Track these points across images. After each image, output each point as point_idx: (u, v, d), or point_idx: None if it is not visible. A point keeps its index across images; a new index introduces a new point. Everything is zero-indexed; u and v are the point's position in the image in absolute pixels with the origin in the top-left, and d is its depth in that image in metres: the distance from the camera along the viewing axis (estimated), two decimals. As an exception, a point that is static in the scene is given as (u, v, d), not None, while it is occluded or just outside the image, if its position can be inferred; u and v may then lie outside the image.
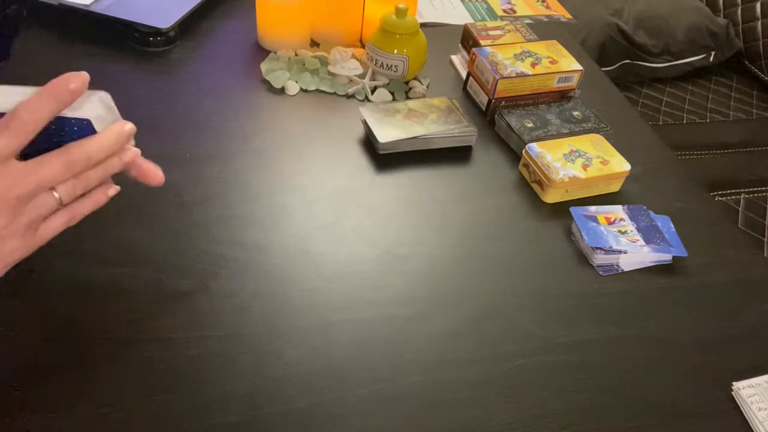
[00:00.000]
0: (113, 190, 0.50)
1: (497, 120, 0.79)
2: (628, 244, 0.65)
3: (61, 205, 0.46)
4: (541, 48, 0.84)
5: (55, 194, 0.45)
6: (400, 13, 0.79)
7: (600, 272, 0.64)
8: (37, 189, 0.44)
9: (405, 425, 0.49)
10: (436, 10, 1.07)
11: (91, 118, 0.46)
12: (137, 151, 0.49)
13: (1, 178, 0.42)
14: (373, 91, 0.82)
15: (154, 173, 0.52)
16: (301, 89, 0.82)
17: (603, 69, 1.20)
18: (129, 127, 0.47)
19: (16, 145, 0.42)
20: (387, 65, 0.81)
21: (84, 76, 0.44)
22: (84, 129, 0.46)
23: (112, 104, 0.49)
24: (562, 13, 1.13)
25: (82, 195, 0.48)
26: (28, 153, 0.44)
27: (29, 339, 0.51)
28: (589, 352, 0.56)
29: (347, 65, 0.84)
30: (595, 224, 0.66)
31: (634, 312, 0.60)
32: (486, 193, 0.71)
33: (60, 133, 0.45)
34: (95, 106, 0.47)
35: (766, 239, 1.09)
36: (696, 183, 0.76)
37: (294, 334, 0.54)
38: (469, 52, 0.87)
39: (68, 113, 0.45)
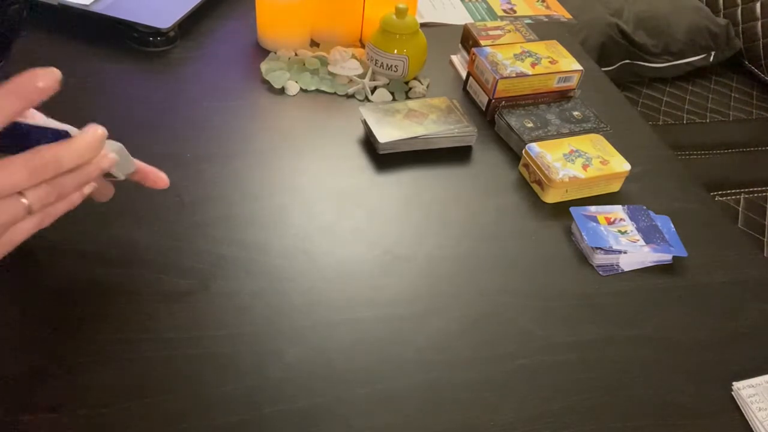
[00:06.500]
0: (89, 188, 0.46)
1: (497, 120, 0.79)
2: (628, 244, 0.64)
3: (31, 212, 0.41)
4: (541, 48, 0.84)
5: (23, 200, 0.41)
6: (400, 13, 0.79)
7: (600, 272, 0.64)
8: None
9: (405, 425, 0.49)
10: (436, 10, 1.07)
11: (70, 130, 0.42)
12: (115, 158, 0.46)
13: None
14: (373, 91, 0.82)
15: (159, 177, 0.52)
16: (301, 89, 0.82)
17: (603, 69, 1.20)
18: (102, 130, 0.43)
19: None
20: (387, 65, 0.81)
21: (54, 73, 0.39)
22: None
23: (126, 152, 0.48)
24: (562, 13, 1.12)
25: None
26: None
27: (29, 339, 0.51)
28: (589, 352, 0.56)
29: (347, 65, 0.84)
30: (595, 224, 0.66)
31: (634, 312, 0.60)
32: (486, 193, 0.71)
33: (36, 142, 0.41)
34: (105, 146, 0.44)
35: (766, 239, 1.09)
36: (696, 183, 0.76)
37: (294, 334, 0.54)
38: (469, 52, 0.87)
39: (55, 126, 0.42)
